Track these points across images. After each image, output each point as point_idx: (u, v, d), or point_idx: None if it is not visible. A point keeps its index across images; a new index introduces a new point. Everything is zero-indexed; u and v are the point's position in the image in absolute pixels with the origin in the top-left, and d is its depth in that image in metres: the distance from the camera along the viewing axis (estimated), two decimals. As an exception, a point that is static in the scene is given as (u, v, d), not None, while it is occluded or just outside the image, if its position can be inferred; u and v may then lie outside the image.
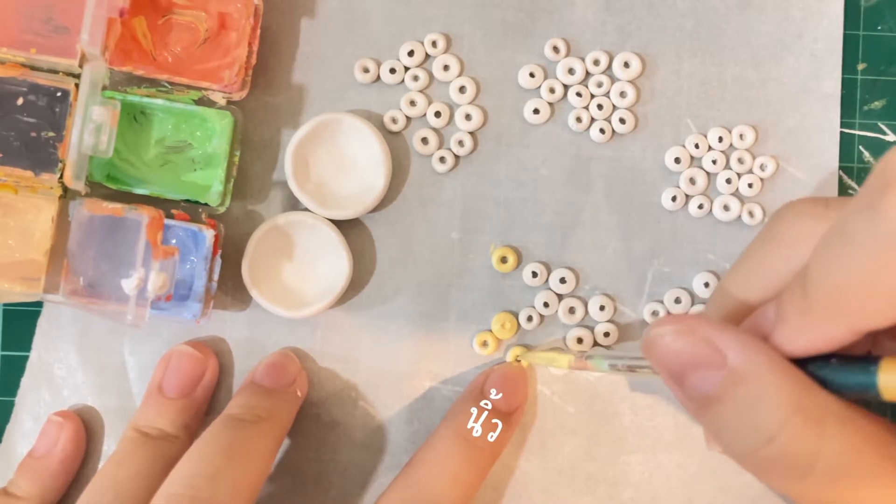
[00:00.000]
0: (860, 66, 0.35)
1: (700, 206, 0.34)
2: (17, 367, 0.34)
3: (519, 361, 0.34)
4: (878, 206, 0.19)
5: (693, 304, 0.34)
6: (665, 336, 0.22)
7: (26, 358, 0.34)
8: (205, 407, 0.33)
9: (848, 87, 0.35)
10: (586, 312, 0.34)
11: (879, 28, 0.35)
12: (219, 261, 0.32)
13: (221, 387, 0.34)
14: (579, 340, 0.34)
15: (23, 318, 0.34)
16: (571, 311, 0.34)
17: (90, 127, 0.30)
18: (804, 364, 0.22)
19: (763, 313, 0.23)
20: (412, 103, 0.34)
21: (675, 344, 0.22)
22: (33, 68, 0.31)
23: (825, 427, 0.20)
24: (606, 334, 0.34)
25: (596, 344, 0.34)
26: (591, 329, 0.34)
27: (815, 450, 0.20)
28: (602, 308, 0.34)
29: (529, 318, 0.34)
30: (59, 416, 0.33)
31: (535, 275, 0.34)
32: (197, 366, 0.33)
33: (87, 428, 0.34)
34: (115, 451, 0.31)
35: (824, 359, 0.22)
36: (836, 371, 0.21)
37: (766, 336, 0.22)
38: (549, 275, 0.34)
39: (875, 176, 0.19)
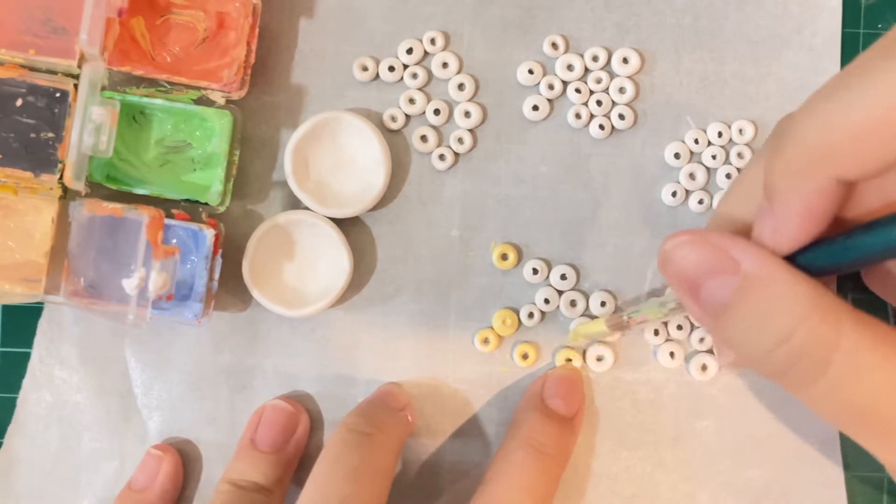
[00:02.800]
0: (860, 63, 0.35)
1: (700, 202, 0.34)
2: (16, 364, 0.34)
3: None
4: None
5: (694, 299, 0.34)
6: (681, 246, 0.23)
7: (26, 354, 0.34)
8: (296, 461, 0.33)
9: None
10: (587, 306, 0.34)
11: (880, 26, 0.35)
12: (219, 260, 0.32)
13: (311, 441, 0.34)
14: None
15: (23, 315, 0.34)
16: (573, 304, 0.34)
17: (90, 127, 0.30)
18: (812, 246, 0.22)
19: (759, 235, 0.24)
20: (411, 101, 0.34)
21: (691, 254, 0.23)
22: (32, 69, 0.31)
23: (842, 325, 0.21)
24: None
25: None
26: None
27: (832, 345, 0.21)
28: (603, 304, 0.34)
29: (531, 315, 0.34)
30: (158, 450, 0.33)
31: (535, 272, 0.34)
32: (290, 420, 0.33)
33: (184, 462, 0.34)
34: None
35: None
36: (851, 239, 0.21)
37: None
38: (549, 272, 0.34)
39: None
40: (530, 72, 0.34)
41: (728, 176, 0.34)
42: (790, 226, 0.22)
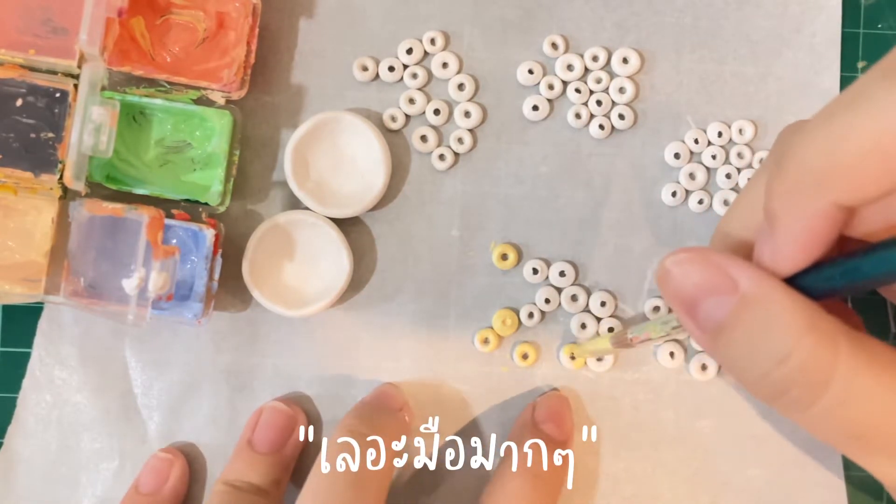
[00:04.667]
0: (860, 65, 0.35)
1: (700, 202, 0.34)
2: (16, 364, 0.34)
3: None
4: None
5: (694, 299, 0.34)
6: (680, 264, 0.23)
7: (26, 354, 0.34)
8: (293, 463, 0.33)
9: (848, 85, 0.34)
10: (588, 302, 0.34)
11: (880, 26, 0.35)
12: (219, 260, 0.32)
13: (309, 444, 0.34)
14: (583, 326, 0.34)
15: (23, 315, 0.34)
16: (574, 298, 0.34)
17: (90, 127, 0.30)
18: (812, 270, 0.22)
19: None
20: (411, 101, 0.34)
21: (689, 272, 0.23)
22: (32, 69, 0.31)
23: (839, 347, 0.20)
24: (611, 329, 0.34)
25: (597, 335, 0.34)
26: (598, 319, 0.34)
27: (829, 368, 0.20)
28: (603, 304, 0.34)
29: (531, 315, 0.34)
30: (167, 454, 0.33)
31: (535, 272, 0.34)
32: (288, 422, 0.33)
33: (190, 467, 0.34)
34: None
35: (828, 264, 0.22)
36: (850, 262, 0.21)
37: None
38: (549, 271, 0.34)
39: None
40: (530, 72, 0.34)
41: (728, 176, 0.34)
42: (790, 249, 0.22)
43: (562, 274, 0.34)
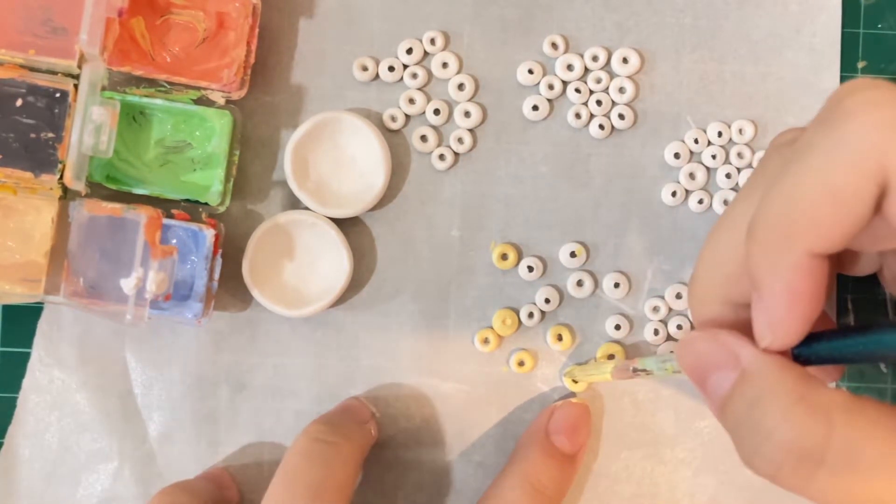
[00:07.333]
0: (860, 65, 0.35)
1: (700, 202, 0.34)
2: (16, 364, 0.34)
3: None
4: (834, 122, 0.20)
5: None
6: (692, 341, 0.24)
7: (26, 354, 0.34)
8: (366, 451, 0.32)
9: (847, 83, 0.35)
10: (595, 286, 0.34)
11: (880, 26, 0.35)
12: (219, 260, 0.32)
13: None
14: None
15: (23, 315, 0.34)
16: (579, 283, 0.34)
17: (90, 127, 0.30)
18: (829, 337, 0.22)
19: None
20: (411, 101, 0.34)
21: (700, 348, 0.24)
22: (32, 69, 0.31)
23: (832, 419, 0.20)
24: (618, 327, 0.34)
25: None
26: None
27: (822, 441, 0.20)
28: (617, 286, 0.34)
29: (531, 315, 0.34)
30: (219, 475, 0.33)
31: (531, 269, 0.34)
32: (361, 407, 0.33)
33: None
34: None
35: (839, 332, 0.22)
36: (850, 339, 0.22)
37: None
38: (544, 269, 0.34)
39: (834, 101, 0.21)
40: (530, 72, 0.34)
41: (728, 176, 0.34)
42: (781, 312, 0.22)
43: (572, 255, 0.34)
